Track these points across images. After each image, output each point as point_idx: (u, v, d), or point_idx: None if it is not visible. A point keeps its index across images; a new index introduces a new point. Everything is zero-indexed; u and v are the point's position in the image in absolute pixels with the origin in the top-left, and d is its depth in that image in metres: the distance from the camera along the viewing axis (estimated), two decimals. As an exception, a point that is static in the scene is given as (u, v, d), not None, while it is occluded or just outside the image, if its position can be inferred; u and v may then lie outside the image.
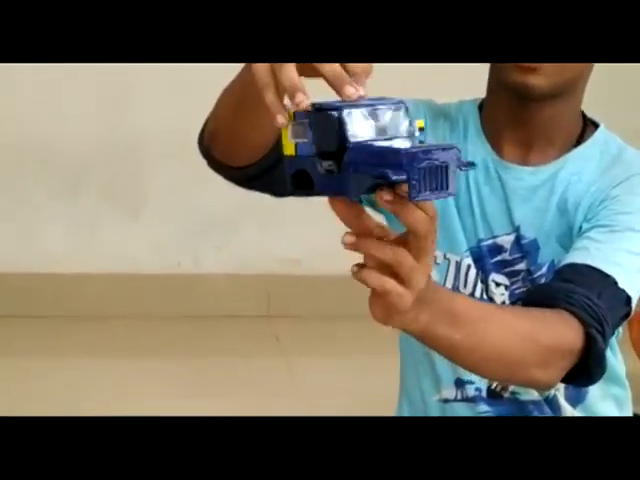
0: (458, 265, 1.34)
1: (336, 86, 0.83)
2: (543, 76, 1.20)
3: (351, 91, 0.80)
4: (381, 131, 0.77)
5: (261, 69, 0.87)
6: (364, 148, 0.74)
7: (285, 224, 3.00)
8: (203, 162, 1.75)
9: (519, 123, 1.26)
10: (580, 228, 1.27)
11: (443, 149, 0.73)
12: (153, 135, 2.97)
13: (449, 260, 1.34)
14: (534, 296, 1.18)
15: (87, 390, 2.50)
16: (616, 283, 1.15)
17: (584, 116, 1.33)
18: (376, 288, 0.83)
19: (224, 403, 2.38)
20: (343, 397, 2.43)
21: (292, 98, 0.83)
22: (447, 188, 0.72)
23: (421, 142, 0.78)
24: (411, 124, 0.78)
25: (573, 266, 1.17)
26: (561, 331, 1.08)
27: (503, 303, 1.32)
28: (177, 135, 2.76)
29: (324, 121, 0.76)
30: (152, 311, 2.89)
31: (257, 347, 2.85)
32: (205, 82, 2.81)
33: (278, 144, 0.89)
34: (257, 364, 2.74)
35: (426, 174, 0.71)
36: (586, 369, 1.08)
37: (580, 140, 1.30)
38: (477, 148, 1.30)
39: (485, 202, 1.31)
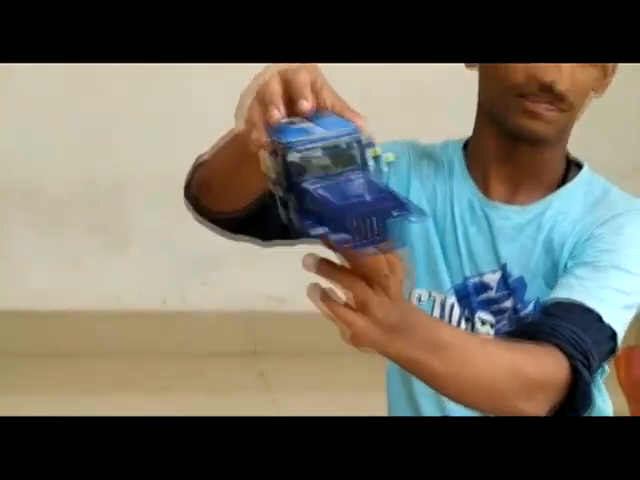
0: (443, 304, 1.34)
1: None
2: (550, 123, 1.23)
3: (305, 105, 0.81)
4: (335, 162, 0.76)
5: (251, 105, 0.88)
6: (306, 194, 0.74)
7: (269, 261, 2.90)
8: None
9: (509, 163, 1.27)
10: (565, 266, 1.26)
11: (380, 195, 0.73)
12: (138, 172, 2.96)
13: (434, 299, 1.33)
14: (519, 331, 1.17)
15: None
16: (601, 318, 1.14)
17: (567, 156, 1.34)
18: (339, 319, 0.83)
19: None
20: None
21: (265, 112, 0.84)
22: (385, 235, 0.72)
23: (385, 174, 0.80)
24: (363, 155, 0.76)
25: (558, 302, 1.17)
26: (546, 363, 1.07)
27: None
28: (163, 172, 2.80)
29: (277, 150, 0.76)
30: (137, 348, 2.86)
31: (242, 383, 2.82)
32: (188, 122, 2.75)
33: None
34: (243, 399, 2.69)
35: (362, 228, 0.71)
36: (573, 402, 1.07)
37: (565, 180, 1.31)
38: (463, 188, 1.31)
39: (472, 241, 1.31)
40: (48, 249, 2.95)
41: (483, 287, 1.33)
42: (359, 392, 2.28)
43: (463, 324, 1.36)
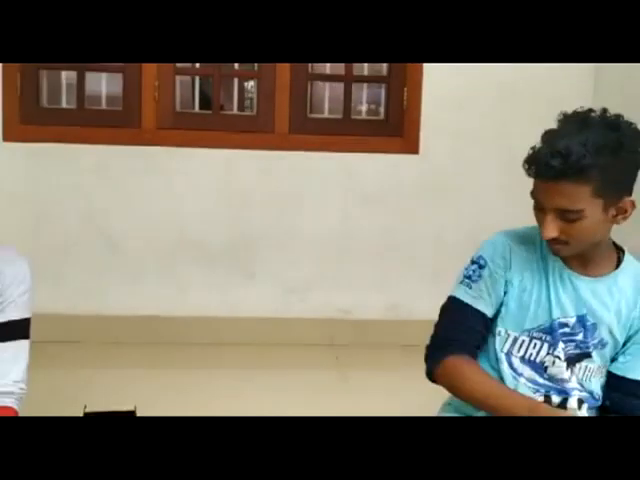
0: (516, 339, 1.60)
1: None
2: (564, 252, 1.52)
3: None
4: None
5: None
6: None
7: (339, 288, 3.50)
8: (291, 251, 2.51)
9: (574, 255, 1.55)
10: (626, 333, 1.55)
11: None
12: (266, 230, 3.44)
13: (509, 335, 1.61)
14: (620, 410, 1.54)
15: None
16: None
17: (614, 243, 1.60)
18: None
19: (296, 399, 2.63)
20: (385, 398, 2.62)
21: None
22: None
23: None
24: None
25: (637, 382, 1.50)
26: None
27: (564, 358, 1.58)
28: (283, 231, 3.43)
29: None
30: (257, 340, 3.34)
31: (323, 363, 3.20)
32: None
33: None
34: (324, 374, 3.03)
35: None
36: None
37: (619, 260, 1.59)
38: (554, 262, 1.59)
39: (560, 295, 1.58)
40: (207, 280, 3.45)
41: (565, 325, 1.58)
42: (408, 371, 2.20)
43: (545, 347, 1.59)
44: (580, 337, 1.58)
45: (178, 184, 3.40)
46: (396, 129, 3.49)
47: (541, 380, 1.60)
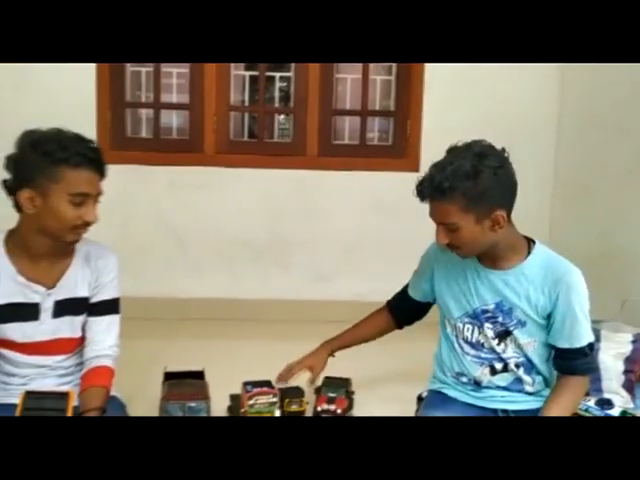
0: (454, 325, 1.68)
1: None
2: (462, 251, 1.55)
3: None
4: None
5: None
6: None
7: (355, 276, 3.45)
8: (318, 248, 2.56)
9: (484, 254, 1.58)
10: (538, 313, 1.55)
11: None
12: (298, 232, 3.44)
13: (450, 323, 1.69)
14: (564, 370, 1.57)
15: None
16: (589, 344, 1.54)
17: (525, 236, 1.59)
18: None
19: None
20: (391, 359, 2.52)
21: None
22: None
23: None
24: None
25: (568, 350, 1.54)
26: (584, 385, 1.57)
27: (493, 336, 1.60)
28: (312, 233, 3.40)
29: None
30: (294, 317, 3.25)
31: None
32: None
33: None
34: None
35: None
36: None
37: (527, 251, 1.57)
38: (470, 262, 1.63)
39: (479, 288, 1.61)
40: (254, 270, 3.46)
41: (487, 311, 1.62)
42: (402, 342, 2.20)
43: (476, 330, 1.62)
44: (500, 319, 1.59)
45: (231, 196, 3.43)
46: (401, 152, 3.56)
47: (483, 354, 1.64)
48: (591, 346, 1.53)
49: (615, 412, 1.98)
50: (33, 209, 1.53)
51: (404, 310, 1.84)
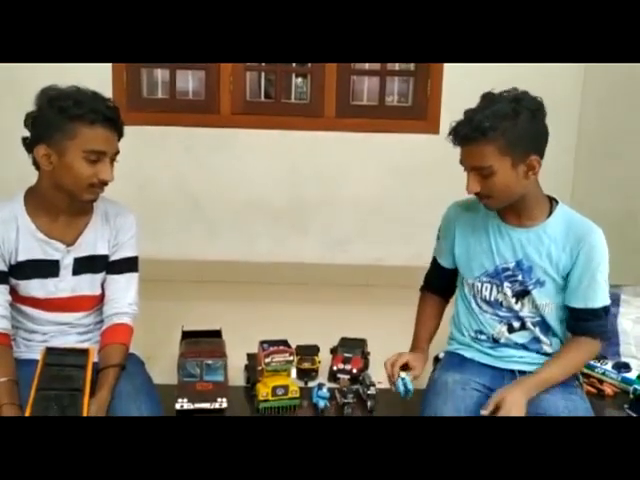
0: (472, 284, 1.67)
1: None
2: (492, 201, 1.52)
3: None
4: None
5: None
6: None
7: (373, 241, 3.51)
8: (336, 212, 2.62)
9: (508, 209, 1.57)
10: (559, 272, 1.54)
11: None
12: (315, 195, 3.45)
13: (468, 282, 1.69)
14: (577, 331, 1.58)
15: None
16: (604, 307, 1.53)
17: (549, 196, 1.57)
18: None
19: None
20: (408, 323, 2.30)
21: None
22: None
23: None
24: None
25: (584, 309, 1.54)
26: (592, 349, 1.57)
27: (511, 295, 1.60)
28: (330, 196, 3.43)
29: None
30: (305, 280, 3.39)
31: (358, 296, 3.20)
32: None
33: None
34: (357, 306, 3.01)
35: None
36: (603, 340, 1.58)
37: (551, 211, 1.55)
38: (493, 220, 1.61)
39: (500, 246, 1.60)
40: (269, 235, 3.49)
41: (507, 269, 1.60)
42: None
43: (494, 288, 1.62)
44: (520, 277, 1.58)
45: (247, 158, 3.42)
46: (421, 114, 3.52)
47: (501, 313, 1.64)
48: (606, 310, 1.53)
49: (632, 375, 2.00)
50: (49, 166, 1.53)
51: (442, 283, 1.80)
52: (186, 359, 1.79)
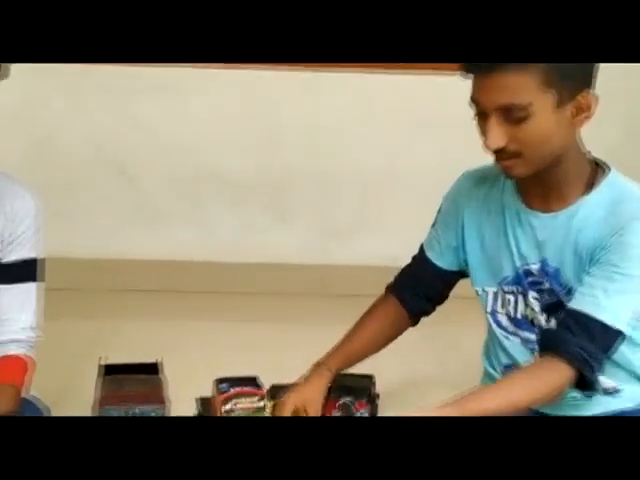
0: (495, 293, 1.66)
1: None
2: (515, 169, 1.47)
3: None
4: None
5: None
6: None
7: (383, 234, 3.55)
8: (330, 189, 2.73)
9: (533, 184, 1.55)
10: (590, 264, 1.50)
11: None
12: (300, 163, 3.48)
13: (487, 292, 1.68)
14: (541, 342, 1.55)
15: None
16: (603, 324, 1.43)
17: (596, 162, 1.55)
18: None
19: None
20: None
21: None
22: None
23: None
24: None
25: (572, 312, 1.47)
26: (550, 381, 1.45)
27: (540, 310, 1.59)
28: (322, 164, 3.48)
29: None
30: (294, 288, 3.41)
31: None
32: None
33: None
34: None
35: None
36: (583, 389, 1.47)
37: (591, 185, 1.52)
38: (511, 201, 1.60)
39: (520, 240, 1.59)
40: (232, 219, 3.52)
41: (530, 273, 1.59)
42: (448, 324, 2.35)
43: (520, 300, 1.62)
44: (547, 285, 1.58)
45: (201, 109, 3.41)
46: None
47: (533, 336, 1.62)
48: (606, 330, 1.44)
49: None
50: None
51: (421, 289, 1.78)
52: (106, 406, 1.76)
